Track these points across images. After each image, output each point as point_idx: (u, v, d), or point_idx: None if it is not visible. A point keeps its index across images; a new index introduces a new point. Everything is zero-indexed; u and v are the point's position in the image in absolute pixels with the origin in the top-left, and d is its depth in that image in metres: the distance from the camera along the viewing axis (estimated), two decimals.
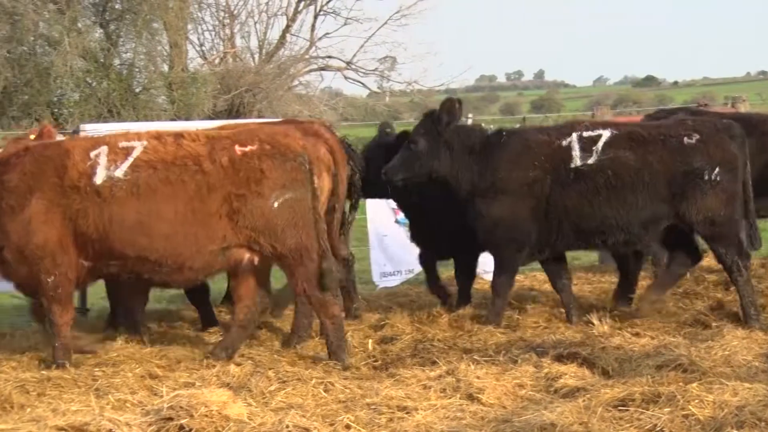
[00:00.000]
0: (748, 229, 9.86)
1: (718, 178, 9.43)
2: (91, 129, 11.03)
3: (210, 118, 23.25)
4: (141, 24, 24.84)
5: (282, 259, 8.35)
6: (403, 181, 9.69)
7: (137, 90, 25.67)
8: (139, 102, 25.01)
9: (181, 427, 6.03)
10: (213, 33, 30.23)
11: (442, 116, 9.60)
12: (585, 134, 9.47)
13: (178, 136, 8.38)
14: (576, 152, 9.38)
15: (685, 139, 9.45)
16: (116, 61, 25.34)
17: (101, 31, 25.51)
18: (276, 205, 8.26)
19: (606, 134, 9.46)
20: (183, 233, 8.15)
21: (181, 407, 6.12)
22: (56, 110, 24.75)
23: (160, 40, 26.26)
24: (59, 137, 9.89)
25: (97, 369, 8.08)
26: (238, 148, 8.26)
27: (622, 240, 9.56)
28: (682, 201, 9.38)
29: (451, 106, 9.69)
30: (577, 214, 9.38)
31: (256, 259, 8.35)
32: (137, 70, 25.71)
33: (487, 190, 9.48)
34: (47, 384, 7.54)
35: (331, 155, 9.03)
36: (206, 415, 6.07)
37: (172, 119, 22.38)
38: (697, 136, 9.45)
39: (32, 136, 9.09)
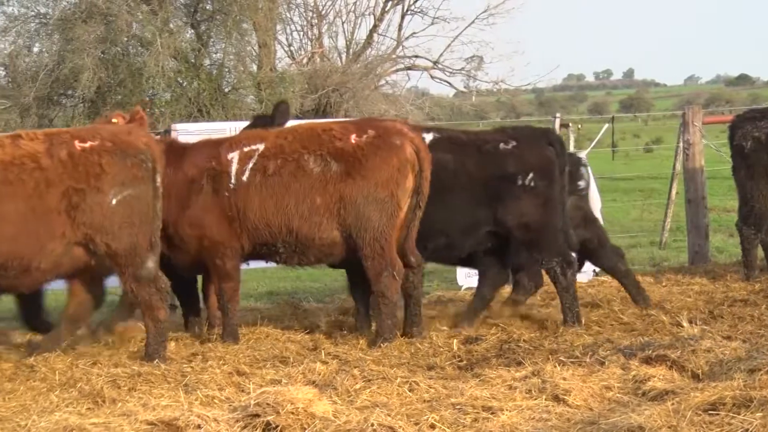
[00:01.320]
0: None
1: (532, 184, 9.53)
2: (182, 129, 11.19)
3: (297, 117, 23.41)
4: (231, 24, 25.10)
5: (115, 258, 8.45)
6: None
7: (226, 90, 25.94)
8: (228, 102, 25.27)
9: (268, 423, 6.08)
10: (301, 33, 30.44)
11: (276, 118, 9.71)
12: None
13: (16, 137, 8.47)
14: None
15: (501, 145, 9.58)
16: (206, 62, 25.65)
17: (192, 31, 25.84)
18: (114, 202, 8.36)
19: (428, 138, 9.52)
20: (25, 232, 8.20)
21: (267, 404, 6.17)
22: (148, 110, 25.12)
23: (249, 40, 26.51)
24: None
25: (186, 365, 8.20)
26: (77, 144, 8.39)
27: (443, 244, 9.65)
28: (498, 206, 9.50)
29: (285, 108, 9.90)
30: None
31: (92, 260, 8.46)
32: (227, 70, 25.99)
33: None
34: (138, 379, 7.67)
35: (416, 154, 9.06)
36: (292, 413, 6.12)
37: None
38: (513, 143, 9.58)
39: (115, 120, 9.21)
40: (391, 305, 9.08)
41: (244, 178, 8.95)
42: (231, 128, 11.30)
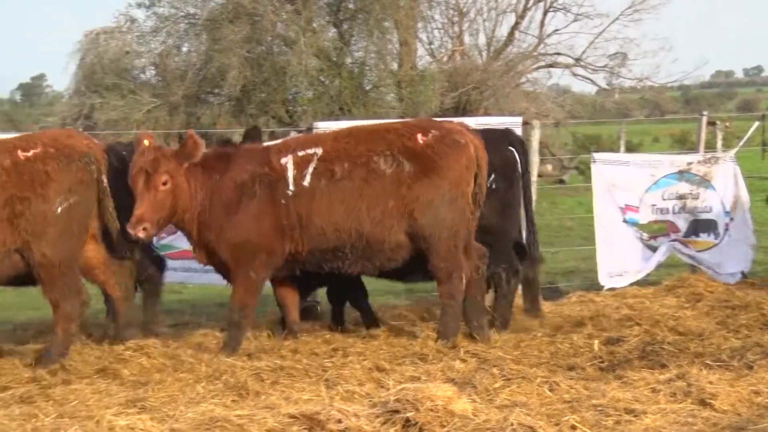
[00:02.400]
0: (530, 237, 9.90)
1: (493, 186, 9.30)
2: (324, 126, 11.31)
3: (437, 115, 23.41)
4: (373, 23, 25.27)
5: (45, 268, 8.35)
6: None
7: (367, 88, 26.12)
8: (369, 100, 25.44)
9: (407, 420, 6.10)
10: (442, 31, 30.43)
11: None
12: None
13: None
14: None
15: None
16: (348, 60, 25.88)
17: (335, 30, 26.12)
18: (59, 210, 8.31)
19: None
20: None
21: (407, 400, 6.19)
22: (290, 108, 25.51)
23: (391, 38, 26.64)
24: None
25: (327, 360, 8.29)
26: (20, 153, 8.32)
27: None
28: None
29: (257, 134, 9.63)
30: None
31: (27, 268, 8.38)
32: (368, 68, 26.17)
33: None
34: (281, 373, 7.80)
35: (476, 153, 8.98)
36: (432, 410, 6.12)
37: (401, 117, 22.66)
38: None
39: (146, 142, 8.84)
40: (457, 307, 8.99)
41: (305, 183, 8.69)
42: None
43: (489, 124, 12.07)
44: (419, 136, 8.82)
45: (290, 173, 8.68)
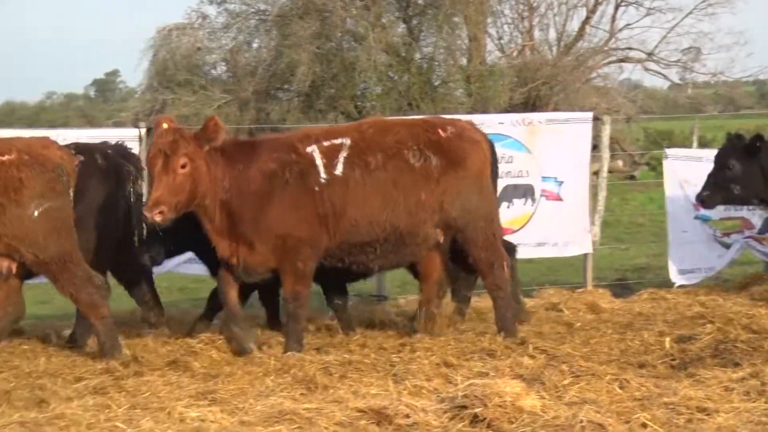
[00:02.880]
0: None
1: None
2: None
3: (505, 111, 23.31)
4: (442, 18, 25.23)
5: (44, 266, 8.38)
6: None
7: (436, 83, 26.09)
8: (438, 95, 25.40)
9: (475, 416, 6.09)
10: (511, 26, 30.27)
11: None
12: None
13: None
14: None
15: None
16: (417, 55, 25.86)
17: (404, 26, 26.12)
18: (36, 214, 8.25)
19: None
20: None
21: (475, 396, 6.18)
22: (359, 103, 25.56)
23: (460, 33, 26.57)
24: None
25: (395, 355, 8.30)
26: None
27: None
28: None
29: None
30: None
31: (14, 267, 8.38)
32: (437, 63, 26.13)
33: None
34: (349, 367, 7.83)
35: (490, 150, 9.05)
36: (500, 406, 6.10)
37: (469, 112, 22.61)
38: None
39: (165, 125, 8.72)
40: (507, 297, 8.98)
41: (337, 172, 8.49)
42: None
43: (558, 119, 12.03)
44: (440, 131, 8.81)
45: (319, 161, 8.48)
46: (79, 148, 8.92)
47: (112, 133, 10.91)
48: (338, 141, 8.56)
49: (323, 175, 8.41)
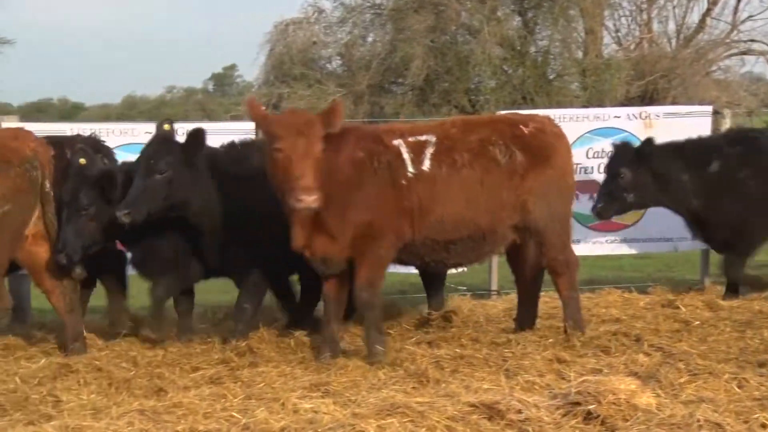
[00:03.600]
0: None
1: None
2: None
3: (622, 104, 22.98)
4: (558, 11, 24.99)
5: None
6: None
7: (551, 77, 25.87)
8: (552, 89, 25.18)
9: (589, 412, 6.02)
10: (629, 18, 29.77)
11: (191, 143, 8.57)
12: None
13: None
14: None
15: None
16: (532, 49, 25.69)
17: (519, 19, 25.96)
18: None
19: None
20: None
21: (588, 393, 6.11)
22: (473, 97, 25.50)
23: (576, 26, 26.28)
24: None
25: (506, 350, 8.26)
26: None
27: None
28: None
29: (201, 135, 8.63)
30: None
31: None
32: (552, 57, 25.90)
33: None
34: (461, 362, 7.82)
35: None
36: (614, 403, 6.03)
37: (584, 106, 22.35)
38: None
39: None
40: (578, 298, 8.87)
41: (425, 167, 8.30)
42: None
43: (677, 113, 11.80)
44: (523, 127, 8.63)
45: (406, 155, 8.34)
46: (49, 141, 8.81)
47: (230, 127, 11.09)
48: (423, 138, 8.45)
49: (410, 168, 8.28)
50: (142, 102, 65.06)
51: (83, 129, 10.23)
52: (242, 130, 10.41)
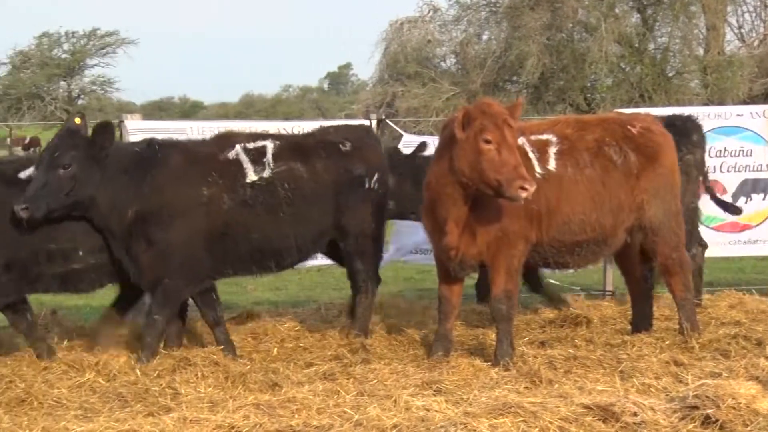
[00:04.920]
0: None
1: (376, 186, 8.73)
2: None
3: (744, 102, 22.44)
4: (678, 7, 24.57)
5: None
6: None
7: (670, 74, 25.44)
8: (671, 87, 24.78)
9: (707, 417, 5.90)
10: (753, 14, 29.08)
11: (98, 139, 8.15)
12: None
13: None
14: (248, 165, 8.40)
15: (341, 147, 8.73)
16: (650, 46, 25.30)
17: (638, 15, 25.60)
18: None
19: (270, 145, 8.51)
20: None
21: (707, 397, 5.99)
22: (589, 95, 25.25)
23: (697, 23, 25.80)
24: None
25: (622, 351, 8.14)
26: None
27: (296, 261, 8.81)
28: (344, 213, 8.63)
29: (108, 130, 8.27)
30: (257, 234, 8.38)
31: None
32: (671, 54, 25.48)
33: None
34: (574, 362, 7.73)
35: None
36: (733, 408, 5.89)
37: (705, 104, 21.90)
38: (349, 144, 8.75)
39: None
40: (692, 299, 8.69)
41: (551, 167, 8.13)
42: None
43: None
44: (631, 127, 8.48)
45: (532, 155, 8.10)
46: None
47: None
48: (544, 137, 8.30)
49: (538, 169, 8.11)
50: (259, 100, 66.18)
51: (203, 127, 10.44)
52: None
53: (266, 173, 8.36)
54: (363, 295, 8.83)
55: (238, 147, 8.42)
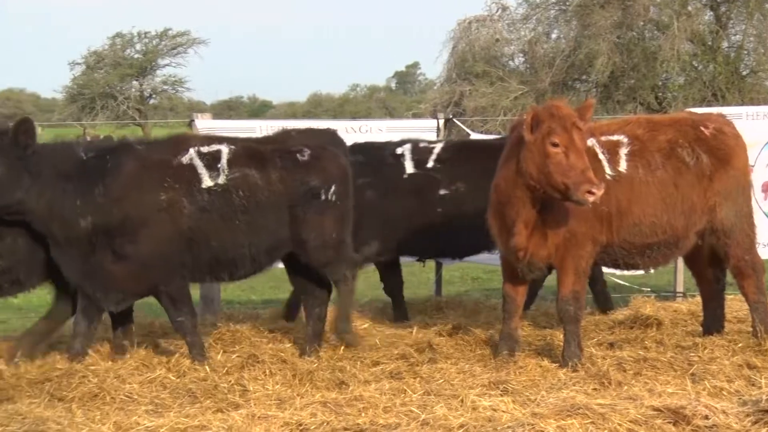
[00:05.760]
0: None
1: (334, 197, 8.40)
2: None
3: None
4: (753, 5, 24.21)
5: None
6: None
7: (744, 73, 25.08)
8: (745, 85, 24.43)
9: None
10: None
11: (20, 138, 7.75)
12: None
13: None
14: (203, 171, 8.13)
15: (299, 156, 8.42)
16: (724, 44, 24.96)
17: (711, 13, 25.27)
18: None
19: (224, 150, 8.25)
20: None
21: None
22: (660, 94, 24.98)
23: None
24: None
25: (692, 354, 8.04)
26: None
27: (251, 272, 8.45)
28: (301, 225, 8.34)
29: (28, 126, 7.83)
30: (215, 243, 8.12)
31: None
32: (745, 52, 25.11)
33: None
34: (644, 364, 7.66)
35: None
36: None
37: None
38: (309, 152, 8.46)
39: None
40: (765, 302, 8.46)
41: (622, 168, 8.08)
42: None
43: None
44: (703, 129, 8.39)
45: (602, 156, 8.06)
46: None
47: (411, 124, 11.20)
48: (615, 137, 8.24)
49: (608, 170, 8.06)
50: (327, 100, 66.52)
51: (271, 126, 10.51)
52: (423, 128, 10.47)
53: (221, 179, 8.15)
54: (341, 288, 8.60)
55: (192, 151, 8.21)
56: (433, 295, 11.10)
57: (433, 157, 9.74)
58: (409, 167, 9.67)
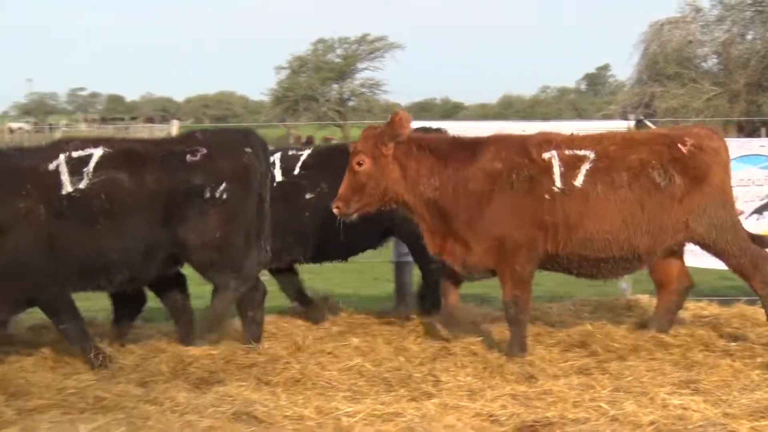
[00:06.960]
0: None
1: (223, 196, 8.22)
2: None
3: None
4: None
5: None
6: None
7: None
8: None
9: None
10: None
11: None
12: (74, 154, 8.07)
13: None
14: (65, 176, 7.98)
15: (188, 156, 8.25)
16: None
17: None
18: None
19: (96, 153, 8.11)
20: None
21: None
22: None
23: None
24: None
25: None
26: None
27: (128, 278, 8.26)
28: (180, 224, 8.16)
29: None
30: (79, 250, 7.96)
31: None
32: None
33: None
34: None
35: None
36: None
37: None
38: (204, 151, 8.28)
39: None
40: None
41: (577, 183, 8.18)
42: None
43: None
44: (680, 147, 8.34)
45: (557, 169, 8.22)
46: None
47: (601, 126, 11.20)
48: (582, 152, 8.33)
49: (558, 183, 8.19)
50: (517, 101, 66.37)
51: (463, 127, 10.71)
52: (614, 129, 10.46)
53: (82, 184, 8.01)
54: (218, 295, 8.47)
55: (61, 157, 8.07)
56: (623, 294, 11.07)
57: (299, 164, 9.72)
58: (278, 175, 9.63)
